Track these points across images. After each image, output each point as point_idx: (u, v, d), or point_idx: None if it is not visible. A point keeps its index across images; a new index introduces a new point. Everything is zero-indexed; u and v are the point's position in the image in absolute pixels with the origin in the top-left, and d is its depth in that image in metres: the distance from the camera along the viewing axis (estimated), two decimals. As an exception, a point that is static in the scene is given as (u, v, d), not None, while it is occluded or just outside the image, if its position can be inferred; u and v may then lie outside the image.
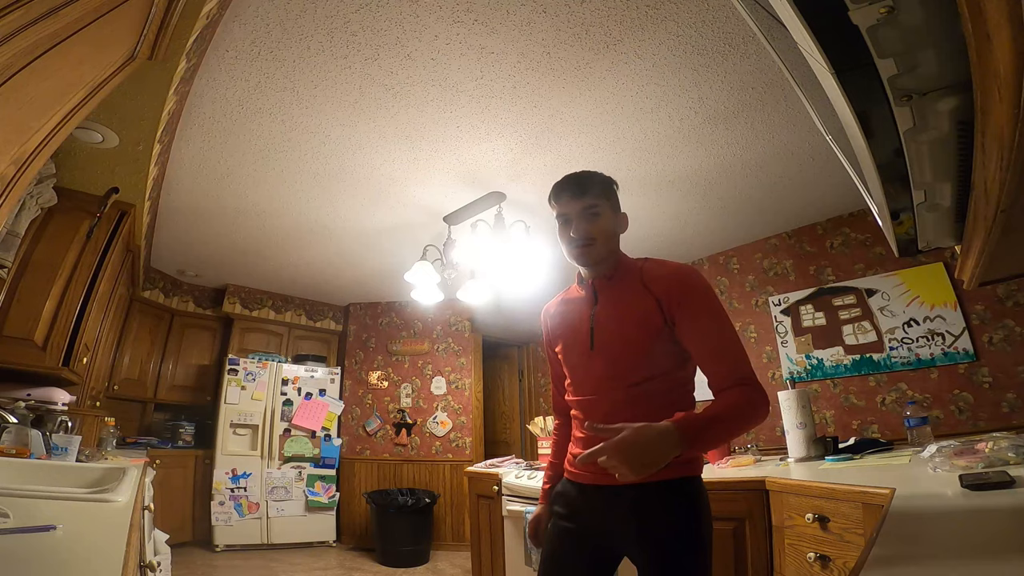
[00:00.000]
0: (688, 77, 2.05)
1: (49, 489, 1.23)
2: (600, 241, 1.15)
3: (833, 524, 1.29)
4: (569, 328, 1.23)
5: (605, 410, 1.12)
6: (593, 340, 1.15)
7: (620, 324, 1.12)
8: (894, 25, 0.51)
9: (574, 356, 1.20)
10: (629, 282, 1.16)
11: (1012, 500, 0.82)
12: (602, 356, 1.14)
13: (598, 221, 1.15)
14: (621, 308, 1.14)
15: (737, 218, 3.36)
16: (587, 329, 1.17)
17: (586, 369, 1.17)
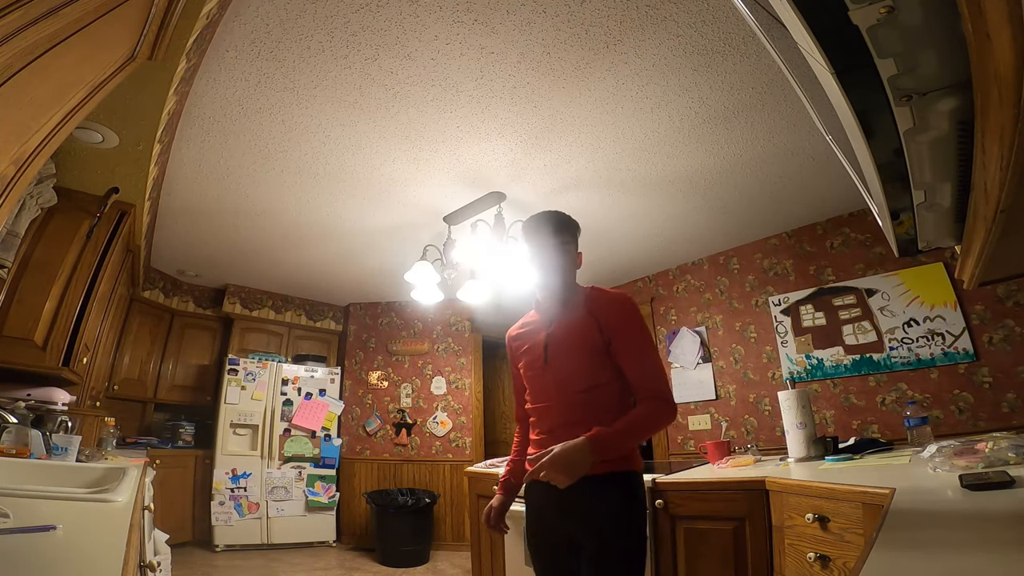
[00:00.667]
0: (688, 77, 2.05)
1: (49, 489, 1.23)
2: (563, 280, 1.39)
3: (833, 524, 1.29)
4: (529, 347, 1.44)
5: (557, 413, 1.34)
6: (547, 355, 1.37)
7: (568, 341, 1.34)
8: (894, 25, 0.51)
9: (532, 370, 1.42)
10: (576, 307, 1.38)
11: (1012, 500, 0.82)
12: (554, 368, 1.35)
13: (564, 258, 1.38)
14: (569, 328, 1.35)
15: (737, 218, 3.36)
16: (543, 346, 1.39)
17: (541, 380, 1.38)
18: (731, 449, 2.33)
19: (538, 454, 1.20)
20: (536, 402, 1.40)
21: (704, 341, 3.89)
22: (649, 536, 1.79)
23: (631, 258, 4.02)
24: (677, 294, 4.16)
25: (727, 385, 3.70)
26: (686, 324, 4.05)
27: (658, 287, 4.31)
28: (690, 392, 3.89)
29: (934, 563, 0.58)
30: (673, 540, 1.75)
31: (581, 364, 1.31)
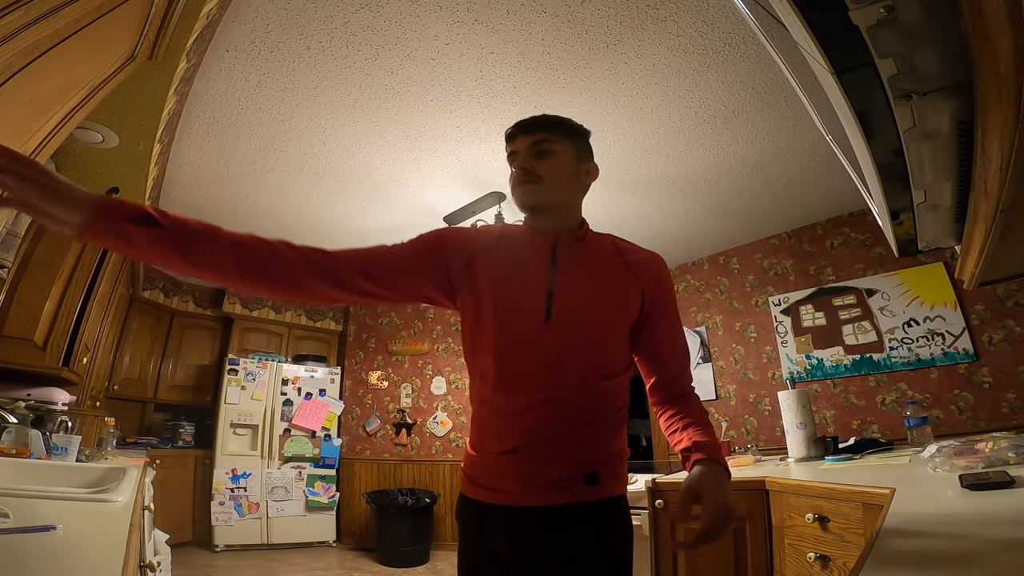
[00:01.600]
0: (688, 77, 2.05)
1: (49, 489, 1.23)
2: (549, 181, 0.93)
3: (833, 524, 1.29)
4: (511, 280, 0.93)
5: (558, 407, 0.88)
6: (551, 309, 0.89)
7: (593, 299, 0.91)
8: (894, 25, 0.51)
9: (514, 324, 0.90)
10: (604, 255, 0.97)
11: (1012, 500, 0.82)
12: (561, 334, 0.88)
13: (550, 159, 0.94)
14: (596, 282, 0.93)
15: (737, 218, 3.36)
16: (543, 292, 0.90)
17: (531, 346, 0.89)
18: (731, 449, 2.33)
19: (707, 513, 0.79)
20: (513, 382, 0.90)
21: (704, 341, 3.89)
22: (649, 536, 1.79)
23: (631, 258, 4.02)
24: (677, 294, 4.15)
25: (727, 385, 3.70)
26: (686, 324, 4.05)
27: (658, 287, 4.30)
28: (690, 392, 3.88)
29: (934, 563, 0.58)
30: (673, 540, 1.75)
31: (610, 339, 0.91)
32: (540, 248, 0.96)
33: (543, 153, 0.95)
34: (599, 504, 0.88)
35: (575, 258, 0.95)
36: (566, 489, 0.86)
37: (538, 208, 0.96)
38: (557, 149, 0.95)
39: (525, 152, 0.96)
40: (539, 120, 0.98)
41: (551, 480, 0.87)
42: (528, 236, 0.99)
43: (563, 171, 0.96)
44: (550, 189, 0.94)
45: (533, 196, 0.95)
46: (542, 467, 0.87)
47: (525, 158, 0.96)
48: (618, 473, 0.93)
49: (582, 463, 0.88)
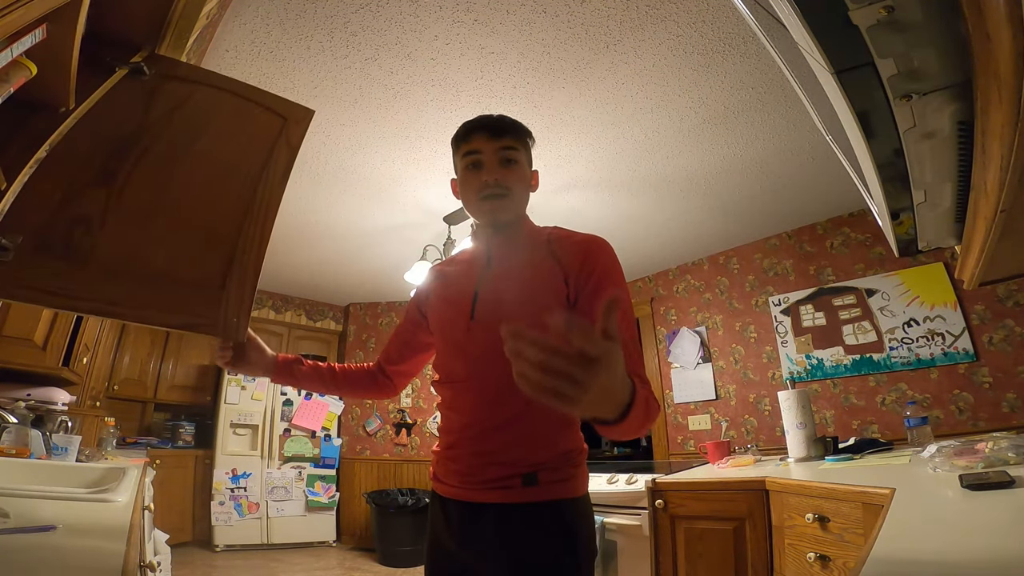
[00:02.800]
0: (688, 77, 2.05)
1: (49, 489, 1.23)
2: (516, 195, 0.94)
3: (833, 524, 1.29)
4: (448, 293, 0.98)
5: (481, 402, 0.89)
6: (475, 310, 0.91)
7: (515, 293, 0.91)
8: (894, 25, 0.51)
9: (448, 330, 0.95)
10: (535, 249, 0.95)
11: (1012, 500, 0.82)
12: (484, 331, 0.88)
13: (515, 168, 0.94)
14: (520, 276, 0.93)
15: (737, 218, 3.36)
16: (469, 295, 0.93)
17: (461, 347, 0.92)
18: (731, 449, 2.33)
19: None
20: (448, 379, 0.95)
21: (704, 341, 3.89)
22: (649, 536, 1.79)
23: (631, 258, 4.02)
24: (677, 294, 4.16)
25: (727, 385, 3.70)
26: (686, 324, 4.05)
27: (658, 287, 4.31)
28: (690, 392, 3.89)
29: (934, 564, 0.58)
30: (673, 540, 1.75)
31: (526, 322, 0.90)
32: (479, 255, 1.00)
33: (510, 162, 0.93)
34: (539, 507, 0.84)
35: (507, 257, 0.96)
36: (502, 488, 0.86)
37: (507, 225, 0.96)
38: (520, 158, 0.95)
39: (493, 160, 0.94)
40: (506, 123, 0.96)
41: (489, 478, 0.87)
42: (471, 248, 1.04)
43: (524, 182, 0.96)
44: (518, 203, 0.95)
45: (504, 213, 0.94)
46: (480, 465, 0.89)
47: (494, 168, 0.93)
48: (564, 475, 0.87)
49: (518, 463, 0.86)
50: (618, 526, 1.86)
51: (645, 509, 1.82)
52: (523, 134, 0.98)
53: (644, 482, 1.86)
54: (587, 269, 0.89)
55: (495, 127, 0.96)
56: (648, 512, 1.81)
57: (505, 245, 0.97)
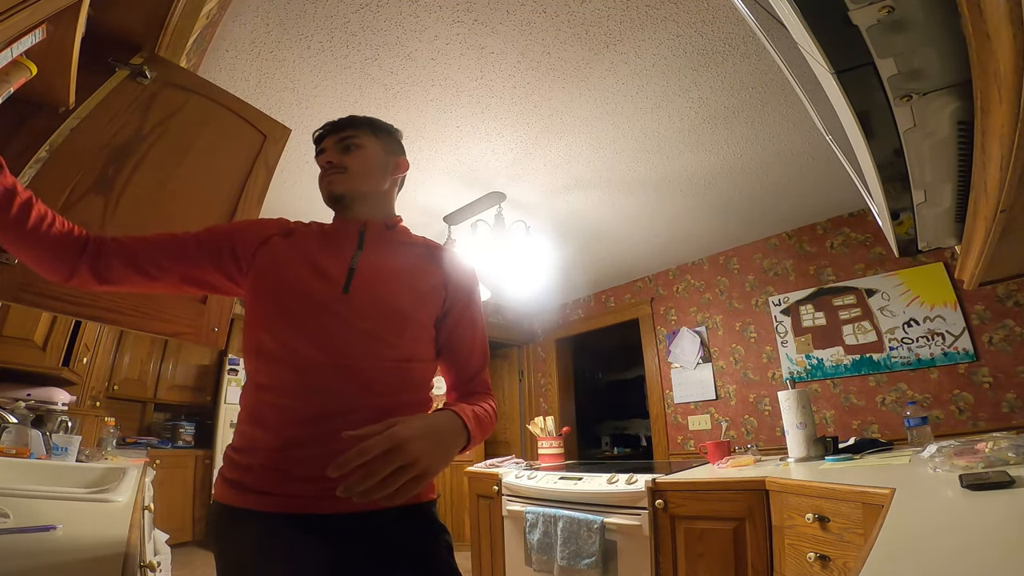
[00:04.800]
0: (688, 77, 2.05)
1: (49, 489, 1.23)
2: (355, 171, 0.96)
3: (833, 524, 1.29)
4: (310, 260, 0.89)
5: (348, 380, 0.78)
6: (349, 284, 0.85)
7: (397, 277, 0.90)
8: (894, 25, 0.51)
9: (304, 299, 0.83)
10: (413, 246, 0.98)
11: (1012, 500, 0.82)
12: (358, 308, 0.83)
13: (356, 152, 0.97)
14: (401, 260, 0.94)
15: (737, 218, 3.36)
16: (343, 270, 0.87)
17: (324, 318, 0.81)
18: (731, 449, 2.33)
19: (364, 431, 0.63)
20: (294, 352, 0.79)
21: (704, 341, 3.89)
22: (649, 536, 1.79)
23: (631, 258, 4.02)
24: (677, 294, 4.16)
25: (727, 385, 3.70)
26: (686, 324, 4.05)
27: (658, 287, 4.31)
28: (690, 392, 3.89)
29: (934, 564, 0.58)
30: (673, 540, 1.75)
31: (413, 323, 0.87)
32: (347, 232, 0.97)
33: (349, 148, 0.98)
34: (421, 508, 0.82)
35: (382, 243, 0.96)
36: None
37: (344, 197, 0.97)
38: (363, 143, 0.98)
39: (331, 148, 0.99)
40: (345, 120, 1.01)
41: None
42: (336, 223, 1.02)
43: (370, 163, 0.98)
44: (356, 179, 0.97)
45: (339, 185, 0.97)
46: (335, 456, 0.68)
47: (331, 153, 0.98)
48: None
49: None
50: (618, 526, 1.86)
51: (645, 509, 1.82)
52: (365, 124, 1.00)
53: (644, 482, 1.86)
54: (464, 287, 0.97)
55: (336, 124, 1.01)
56: (648, 512, 1.81)
57: (379, 231, 0.98)
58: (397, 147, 1.05)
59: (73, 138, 0.99)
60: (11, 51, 0.77)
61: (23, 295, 0.86)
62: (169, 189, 1.13)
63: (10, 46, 0.76)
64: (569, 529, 1.95)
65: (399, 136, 1.06)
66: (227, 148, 1.31)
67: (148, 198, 1.09)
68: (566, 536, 1.95)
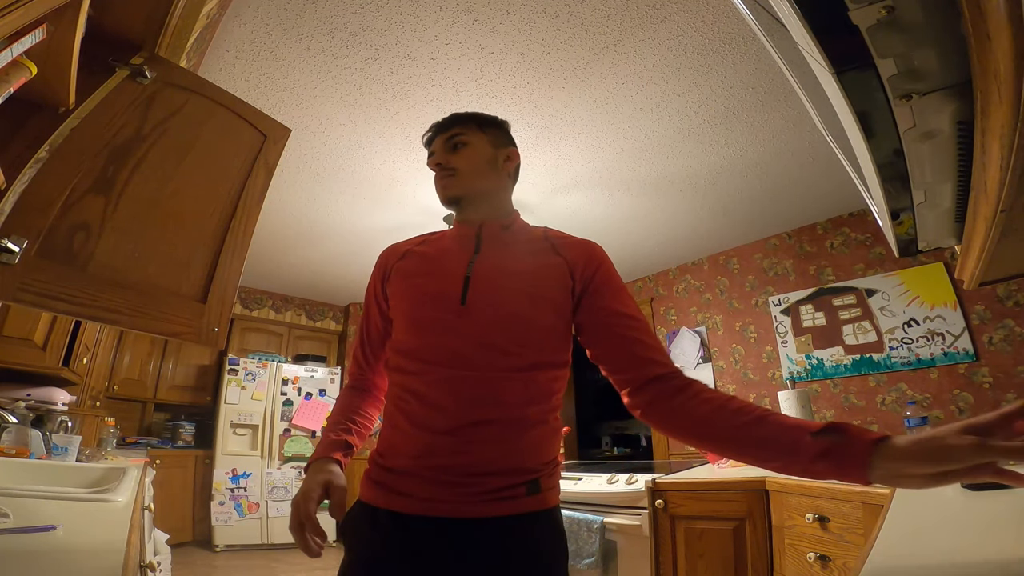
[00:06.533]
0: (688, 77, 2.05)
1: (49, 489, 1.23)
2: (465, 171, 0.93)
3: (833, 524, 1.29)
4: (428, 272, 0.89)
5: (473, 392, 0.78)
6: (466, 294, 0.83)
7: (513, 280, 0.85)
8: (894, 25, 0.51)
9: (429, 310, 0.84)
10: (532, 241, 0.93)
11: (1012, 500, 0.82)
12: (477, 317, 0.81)
13: (463, 150, 0.94)
14: (517, 261, 0.88)
15: (737, 218, 3.36)
16: (460, 278, 0.85)
17: (446, 332, 0.81)
18: (731, 449, 2.32)
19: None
20: (429, 364, 0.81)
21: (704, 341, 3.89)
22: (649, 536, 1.79)
23: (631, 258, 4.02)
24: (677, 294, 4.16)
25: (727, 385, 3.70)
26: (686, 324, 4.05)
27: (658, 287, 4.31)
28: (690, 392, 3.88)
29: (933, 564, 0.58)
30: (673, 540, 1.75)
31: (530, 320, 0.81)
32: (464, 238, 0.93)
33: (457, 146, 0.95)
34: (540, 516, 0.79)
35: (500, 244, 0.91)
36: (506, 499, 0.76)
37: (459, 199, 0.94)
38: (470, 140, 0.95)
39: (440, 149, 0.95)
40: (449, 118, 0.98)
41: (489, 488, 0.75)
42: (454, 230, 0.97)
43: (479, 160, 0.95)
44: (468, 178, 0.93)
45: (452, 188, 0.93)
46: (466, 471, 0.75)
47: (440, 154, 0.95)
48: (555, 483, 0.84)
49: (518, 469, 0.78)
50: (618, 526, 1.86)
51: (645, 509, 1.82)
52: (470, 120, 0.98)
53: (644, 482, 1.86)
54: (593, 265, 0.87)
55: (441, 124, 0.98)
56: (648, 512, 1.81)
57: (496, 233, 0.93)
58: (505, 138, 1.01)
59: (73, 138, 0.99)
60: (11, 51, 0.77)
61: (23, 295, 0.86)
62: (169, 189, 1.13)
63: (10, 46, 0.76)
64: (569, 529, 1.95)
65: (507, 127, 1.02)
66: (227, 148, 1.30)
67: (148, 198, 1.08)
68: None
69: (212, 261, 1.18)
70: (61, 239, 0.92)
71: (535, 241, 0.93)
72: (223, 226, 1.22)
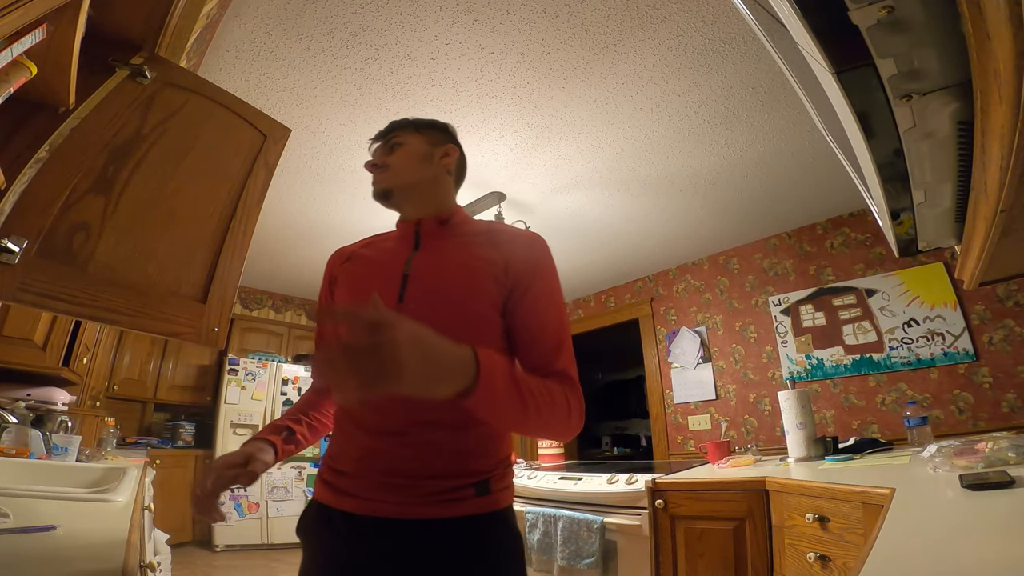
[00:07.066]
0: (688, 77, 2.05)
1: (49, 489, 1.23)
2: (396, 166, 0.93)
3: (833, 524, 1.29)
4: (370, 273, 0.90)
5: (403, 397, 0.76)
6: (404, 292, 0.83)
7: (448, 273, 0.85)
8: (894, 25, 0.51)
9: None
10: (472, 235, 0.92)
11: (1012, 500, 0.82)
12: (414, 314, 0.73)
13: (399, 150, 0.95)
14: (454, 257, 0.87)
15: (737, 218, 3.36)
16: (399, 276, 0.85)
17: None
18: (731, 449, 2.33)
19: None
20: None
21: (704, 341, 3.89)
22: (649, 536, 1.79)
23: (631, 258, 4.02)
24: (677, 294, 4.16)
25: (727, 385, 3.70)
26: (686, 324, 4.05)
27: (658, 287, 4.31)
28: (690, 392, 3.89)
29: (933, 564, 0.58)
30: (673, 540, 1.75)
31: (465, 315, 0.81)
32: (405, 236, 0.94)
33: (393, 148, 0.96)
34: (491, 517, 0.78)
35: (438, 240, 0.91)
36: (452, 501, 0.75)
37: (389, 192, 0.94)
38: (405, 140, 0.96)
39: (378, 153, 0.98)
40: (388, 125, 1.00)
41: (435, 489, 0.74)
42: (396, 230, 0.97)
43: (411, 156, 0.95)
44: (397, 172, 0.94)
45: (382, 182, 0.94)
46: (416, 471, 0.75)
47: (376, 156, 0.97)
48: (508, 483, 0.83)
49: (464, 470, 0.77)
50: (618, 526, 1.86)
51: (645, 509, 1.82)
52: (407, 124, 0.99)
53: (644, 482, 1.86)
54: (527, 264, 0.86)
55: (380, 132, 1.00)
56: (648, 512, 1.81)
57: (434, 229, 0.93)
58: (444, 137, 1.01)
59: (73, 138, 0.98)
60: (11, 51, 0.77)
61: (23, 295, 0.86)
62: (169, 189, 1.13)
63: (10, 46, 0.76)
64: (569, 529, 1.95)
65: (448, 128, 1.03)
66: (227, 148, 1.30)
67: (148, 198, 1.08)
68: (566, 536, 1.95)
69: (212, 261, 1.18)
70: (61, 239, 0.92)
71: (475, 235, 0.92)
72: (223, 226, 1.22)
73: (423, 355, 0.55)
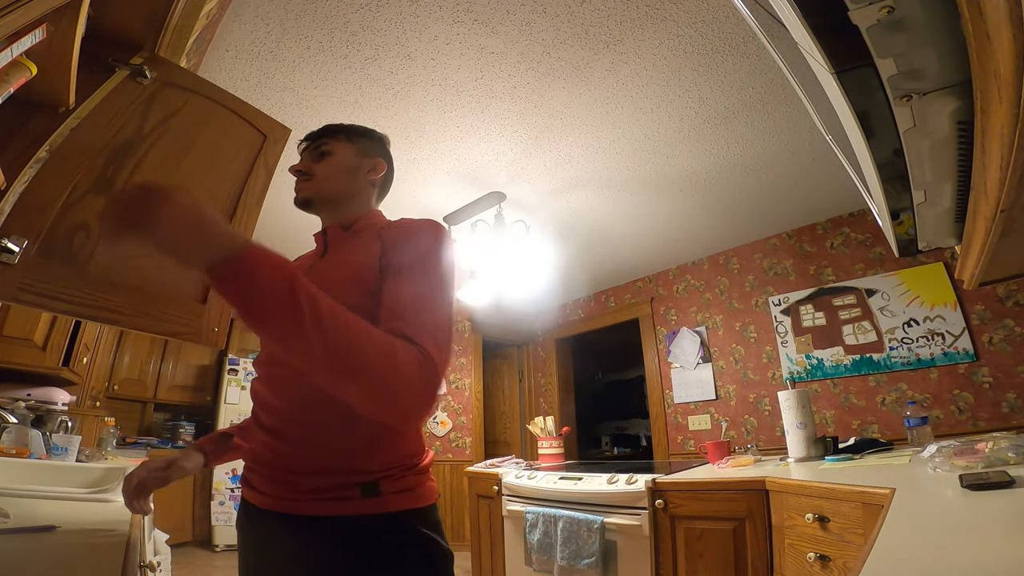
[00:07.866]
0: (688, 77, 2.05)
1: (49, 489, 1.23)
2: (320, 177, 0.95)
3: (833, 524, 1.29)
4: None
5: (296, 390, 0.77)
6: None
7: (333, 273, 0.86)
8: (894, 25, 0.51)
9: None
10: (366, 233, 0.93)
11: (1012, 500, 0.82)
12: None
13: (327, 159, 0.96)
14: (346, 257, 0.88)
15: (737, 218, 3.36)
16: None
17: None
18: (731, 449, 2.33)
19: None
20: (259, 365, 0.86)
21: (704, 341, 3.89)
22: (649, 536, 1.79)
23: (631, 258, 4.02)
24: (677, 294, 4.16)
25: (727, 385, 3.70)
26: (686, 324, 4.05)
27: (658, 287, 4.31)
28: (690, 392, 3.89)
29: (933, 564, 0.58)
30: (673, 540, 1.75)
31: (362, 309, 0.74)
32: (318, 245, 0.99)
33: (323, 155, 0.97)
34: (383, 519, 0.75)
35: (341, 243, 0.95)
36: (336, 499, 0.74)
37: (309, 202, 0.97)
38: (335, 149, 0.97)
39: (306, 157, 0.98)
40: (322, 128, 1.00)
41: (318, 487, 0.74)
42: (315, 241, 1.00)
43: (338, 167, 0.97)
44: (321, 184, 0.96)
45: (303, 191, 0.96)
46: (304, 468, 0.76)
47: (302, 162, 0.97)
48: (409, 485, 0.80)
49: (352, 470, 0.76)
50: (618, 526, 1.86)
51: (645, 509, 1.82)
52: (340, 131, 0.99)
53: (644, 482, 1.86)
54: (399, 246, 0.85)
55: (312, 134, 1.00)
56: (648, 512, 1.81)
57: (339, 235, 0.96)
58: (376, 150, 1.03)
59: (73, 138, 0.99)
60: (11, 51, 0.77)
61: (23, 295, 0.86)
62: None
63: (10, 46, 0.76)
64: (569, 529, 1.95)
65: (382, 140, 1.04)
66: (227, 148, 1.30)
67: (148, 198, 1.08)
68: (566, 536, 1.95)
69: (212, 261, 1.18)
70: (61, 239, 0.92)
71: (369, 230, 0.93)
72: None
73: (191, 215, 0.57)
